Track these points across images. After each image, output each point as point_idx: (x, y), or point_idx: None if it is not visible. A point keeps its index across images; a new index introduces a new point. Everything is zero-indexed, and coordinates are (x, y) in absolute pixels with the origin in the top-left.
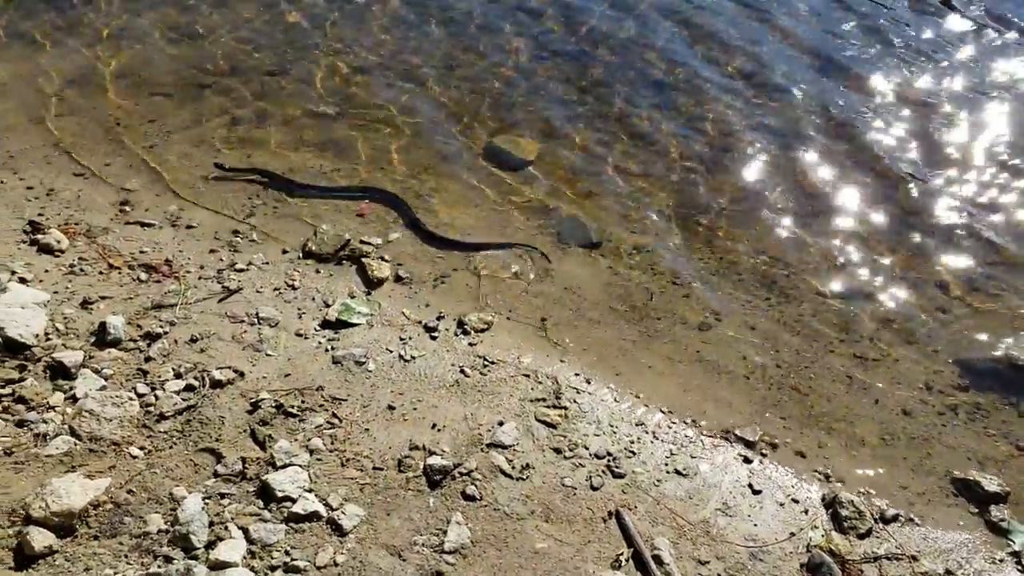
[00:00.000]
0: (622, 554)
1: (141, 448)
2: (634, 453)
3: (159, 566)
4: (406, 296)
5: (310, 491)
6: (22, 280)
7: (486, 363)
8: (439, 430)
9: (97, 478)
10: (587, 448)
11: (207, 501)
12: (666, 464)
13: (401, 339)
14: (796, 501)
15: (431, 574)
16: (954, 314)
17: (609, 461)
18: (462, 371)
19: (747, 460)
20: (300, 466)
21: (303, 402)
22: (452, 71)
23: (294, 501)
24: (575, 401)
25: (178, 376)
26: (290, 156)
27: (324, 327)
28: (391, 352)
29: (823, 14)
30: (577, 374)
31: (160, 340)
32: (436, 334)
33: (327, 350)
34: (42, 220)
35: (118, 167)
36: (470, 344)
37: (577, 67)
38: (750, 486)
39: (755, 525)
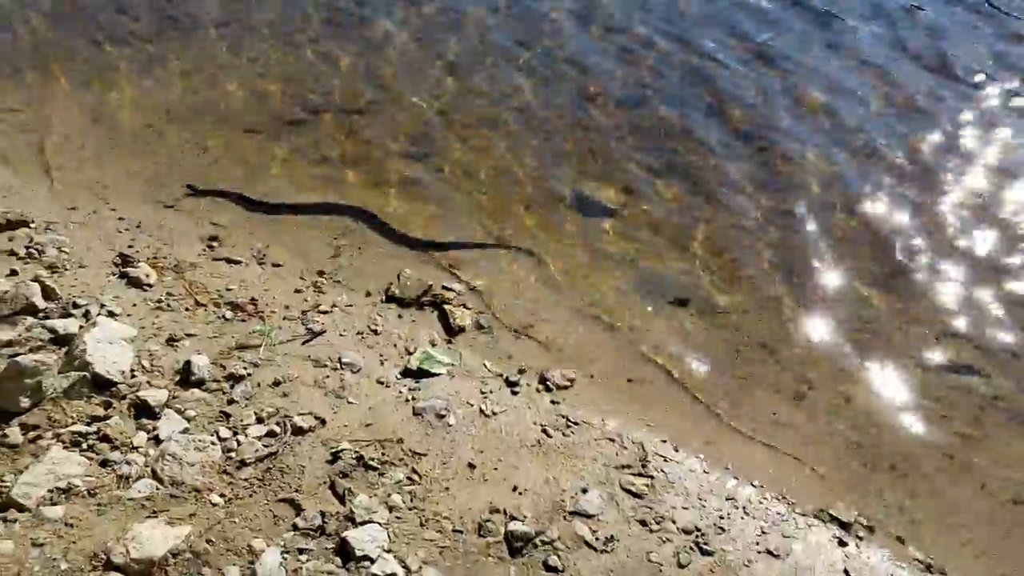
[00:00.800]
0: None
1: (221, 495)
2: (723, 529)
3: None
4: (487, 346)
5: (389, 551)
6: (111, 314)
7: (569, 423)
8: (520, 493)
9: (177, 525)
10: (674, 522)
11: (285, 556)
12: (757, 543)
13: (482, 392)
14: None
15: None
16: None
17: (697, 537)
18: (544, 431)
19: (842, 543)
20: (379, 524)
21: (383, 455)
22: (537, 113)
23: (373, 561)
24: (662, 470)
25: (260, 421)
26: (375, 196)
27: (405, 375)
28: (472, 406)
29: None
30: (664, 440)
31: (243, 382)
32: (518, 389)
33: (408, 400)
34: (132, 253)
35: (208, 201)
36: (553, 402)
37: (672, 115)
38: (845, 572)
39: None
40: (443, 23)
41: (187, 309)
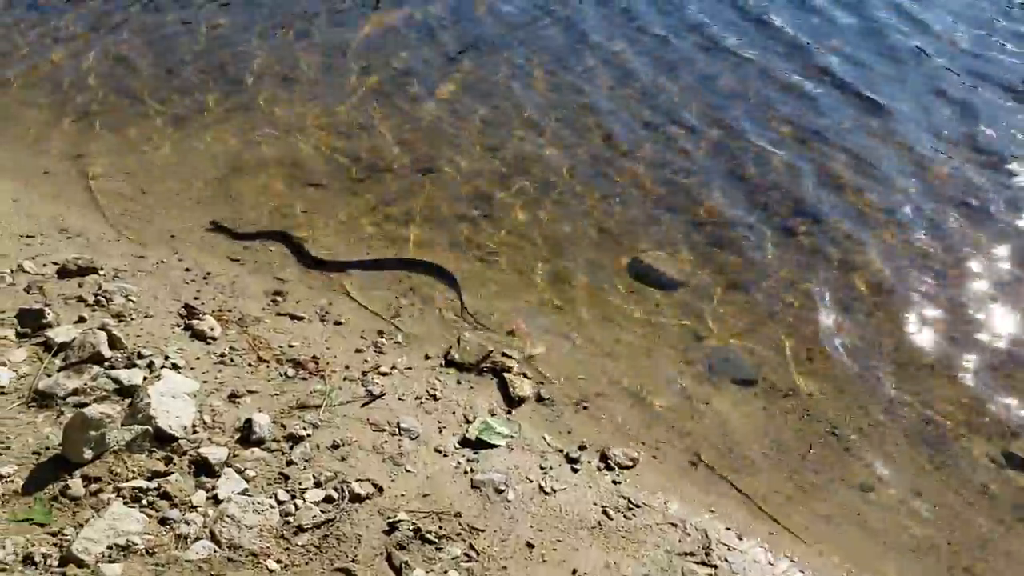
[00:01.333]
0: None
1: (278, 561)
2: None
3: None
4: (547, 419)
5: None
6: (174, 366)
7: (631, 505)
8: None
9: None
10: None
11: None
12: None
13: (541, 468)
14: None
15: None
16: None
17: None
18: (605, 512)
19: None
20: None
21: (441, 528)
22: (598, 176)
23: None
24: (726, 559)
25: (318, 485)
26: (435, 258)
27: (464, 445)
28: (531, 482)
29: None
30: (728, 528)
31: (303, 443)
32: (578, 466)
33: (466, 472)
34: (198, 304)
35: (273, 255)
36: (614, 482)
37: (745, 181)
38: None
39: None
40: (502, 88)
41: (250, 365)
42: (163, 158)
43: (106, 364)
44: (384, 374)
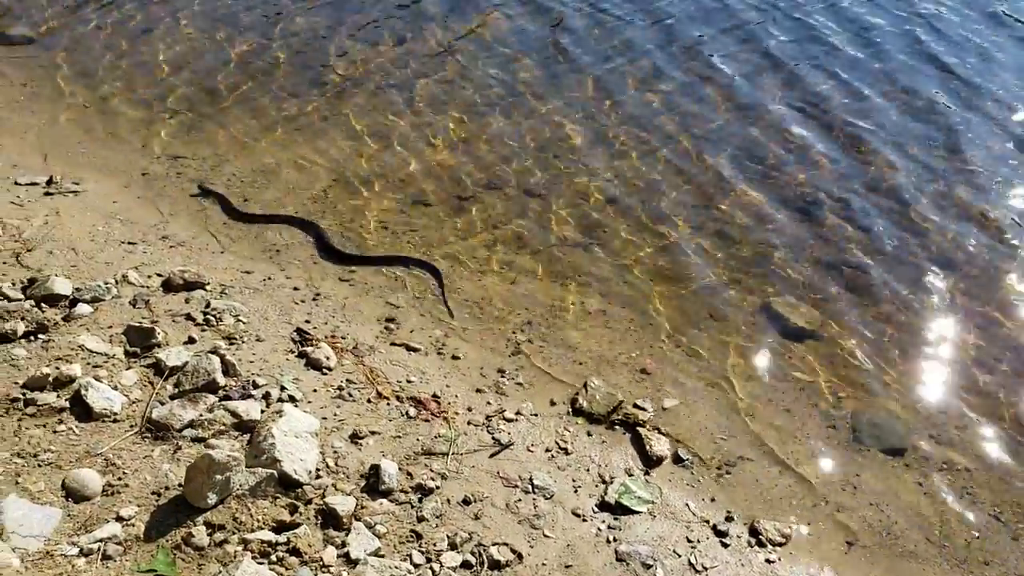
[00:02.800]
0: None
1: None
2: None
3: None
4: (688, 483)
5: None
6: (291, 398)
7: None
8: None
9: None
10: None
11: None
12: None
13: (688, 540)
14: None
15: None
16: None
17: None
18: None
19: None
20: None
21: None
22: (721, 215)
23: None
24: None
25: (453, 547)
26: (552, 289)
27: (602, 508)
28: (679, 557)
29: None
30: None
31: (432, 496)
32: (727, 541)
33: (608, 541)
34: (310, 329)
35: (384, 277)
36: (767, 560)
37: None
38: None
39: None
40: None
41: (369, 401)
42: (265, 166)
43: (221, 392)
44: (510, 420)
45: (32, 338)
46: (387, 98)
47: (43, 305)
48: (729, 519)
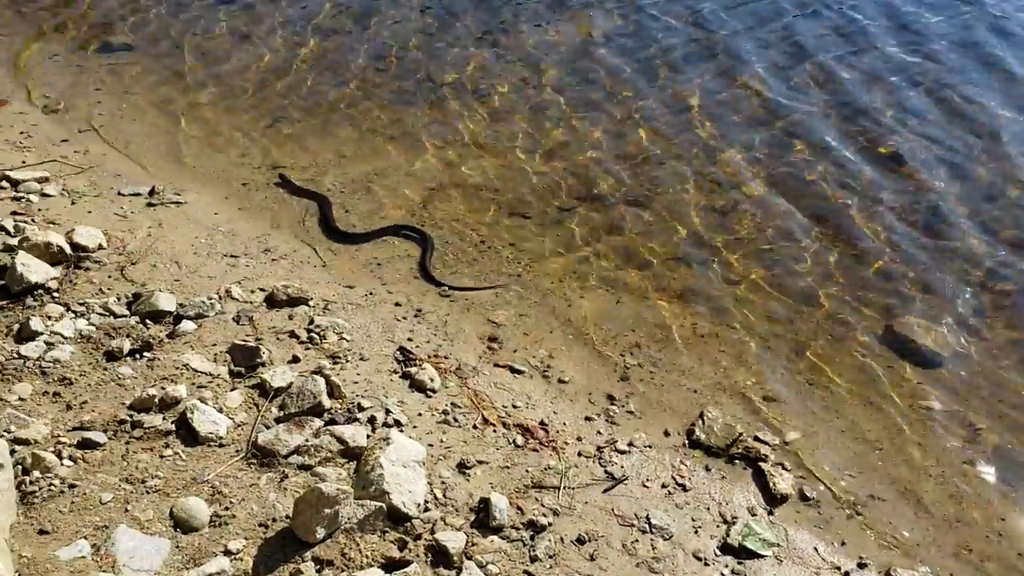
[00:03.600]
0: None
1: None
2: None
3: None
4: (815, 524)
5: None
6: (397, 423)
7: None
8: None
9: None
10: None
11: None
12: None
13: None
14: None
15: None
16: None
17: None
18: None
19: None
20: None
21: None
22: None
23: None
24: None
25: None
26: (659, 306)
27: (725, 551)
28: None
29: None
30: None
31: (545, 534)
32: None
33: None
34: (412, 348)
35: (485, 293)
36: None
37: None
38: None
39: None
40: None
41: (474, 427)
42: (363, 175)
43: (326, 416)
44: (622, 452)
45: (137, 356)
46: (483, 105)
47: (148, 321)
48: (862, 566)
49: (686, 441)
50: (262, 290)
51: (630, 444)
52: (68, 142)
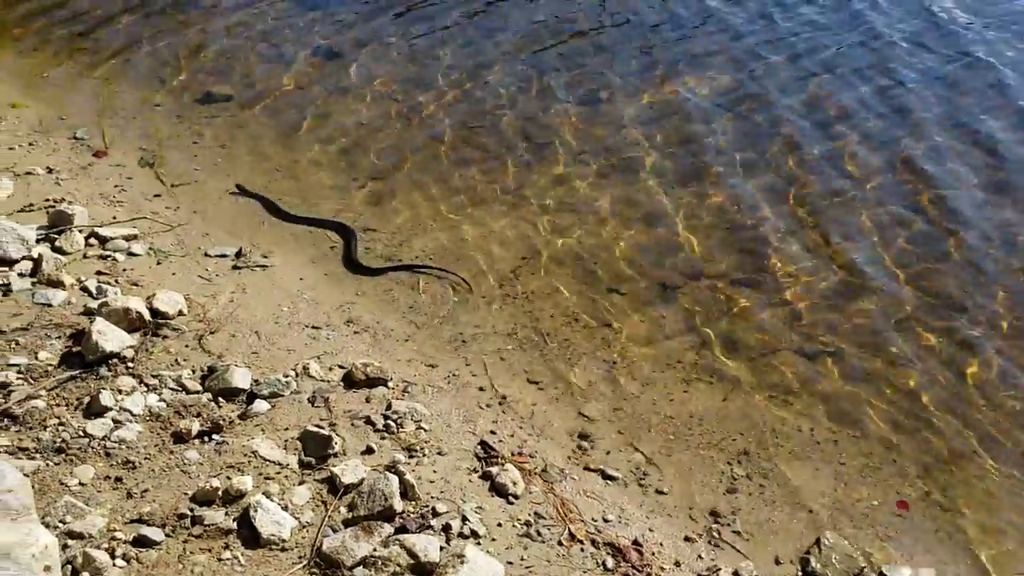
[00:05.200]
0: None
1: None
2: None
3: None
4: None
5: None
6: (473, 533)
7: None
8: None
9: None
10: None
11: None
12: None
13: None
14: None
15: None
16: None
17: None
18: None
19: None
20: None
21: None
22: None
23: None
24: None
25: None
26: (770, 407)
27: None
28: None
29: None
30: None
31: None
32: None
33: None
34: (495, 442)
35: (577, 382)
36: None
37: None
38: None
39: None
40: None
41: (560, 543)
42: (455, 241)
43: (397, 523)
44: None
45: (206, 439)
46: (577, 163)
47: (220, 399)
48: None
49: (800, 571)
50: (341, 367)
51: (735, 574)
52: (160, 197)
